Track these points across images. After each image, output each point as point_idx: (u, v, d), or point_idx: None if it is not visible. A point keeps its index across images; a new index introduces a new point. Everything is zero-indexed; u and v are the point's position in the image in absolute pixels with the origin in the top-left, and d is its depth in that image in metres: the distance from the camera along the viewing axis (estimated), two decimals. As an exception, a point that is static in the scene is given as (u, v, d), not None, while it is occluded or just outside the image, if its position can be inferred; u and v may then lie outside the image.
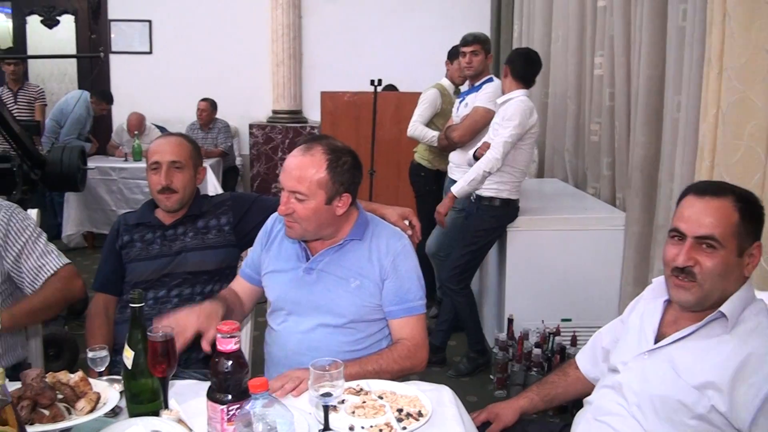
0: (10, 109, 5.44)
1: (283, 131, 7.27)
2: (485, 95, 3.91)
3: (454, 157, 4.12)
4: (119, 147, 6.62)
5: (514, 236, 3.71)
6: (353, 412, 1.57)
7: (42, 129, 6.15)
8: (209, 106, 6.69)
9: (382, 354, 1.90)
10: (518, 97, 3.50)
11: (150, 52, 7.63)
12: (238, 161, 7.35)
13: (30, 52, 7.77)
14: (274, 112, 7.45)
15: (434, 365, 3.71)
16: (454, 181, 4.04)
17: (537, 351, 3.39)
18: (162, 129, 6.86)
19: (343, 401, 1.60)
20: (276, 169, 7.25)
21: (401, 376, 1.92)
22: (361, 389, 1.69)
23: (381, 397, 1.64)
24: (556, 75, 5.08)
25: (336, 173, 1.87)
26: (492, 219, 3.60)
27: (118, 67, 7.64)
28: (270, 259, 2.08)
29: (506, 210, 3.60)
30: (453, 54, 4.49)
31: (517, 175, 3.58)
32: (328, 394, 1.46)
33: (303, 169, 1.86)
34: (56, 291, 2.12)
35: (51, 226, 6.17)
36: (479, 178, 3.47)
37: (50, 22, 7.59)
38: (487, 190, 3.55)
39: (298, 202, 1.87)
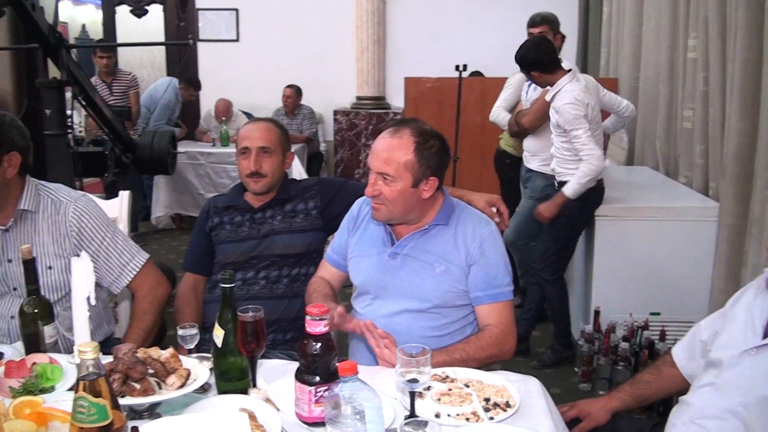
0: (107, 100, 5.66)
1: (367, 117, 7.29)
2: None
3: (529, 144, 4.00)
4: (207, 132, 6.79)
5: (602, 225, 3.59)
6: (439, 399, 1.55)
7: (137, 115, 6.37)
8: (294, 93, 6.77)
9: (468, 341, 1.88)
10: (563, 86, 3.35)
11: (237, 40, 7.78)
12: (322, 147, 7.42)
13: (119, 41, 8.04)
14: (358, 98, 7.48)
15: (518, 355, 3.64)
16: (530, 170, 3.96)
17: (624, 345, 3.27)
18: (248, 115, 7.00)
19: (429, 388, 1.58)
20: (359, 155, 7.29)
21: (488, 363, 1.89)
22: (447, 376, 1.66)
23: (467, 386, 1.62)
24: (648, 58, 4.88)
25: (423, 156, 1.86)
26: (576, 203, 3.45)
27: (206, 55, 7.83)
28: (355, 243, 2.08)
29: (589, 193, 3.45)
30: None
31: None
32: (414, 380, 1.45)
33: (391, 151, 1.85)
34: (151, 305, 2.13)
35: (141, 208, 6.41)
36: (591, 178, 3.32)
37: (139, 12, 7.82)
38: (567, 176, 3.44)
39: (385, 184, 1.86)
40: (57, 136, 3.74)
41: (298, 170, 4.00)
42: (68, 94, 3.98)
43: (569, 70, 3.41)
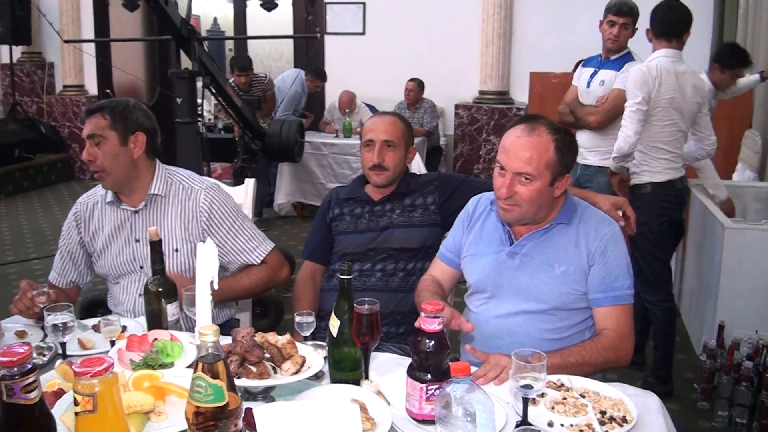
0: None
1: (489, 112, 7.20)
2: (625, 77, 3.38)
3: (583, 139, 3.63)
4: (330, 123, 6.94)
5: (733, 235, 3.34)
6: (553, 408, 1.50)
7: (269, 112, 6.59)
8: (417, 86, 6.79)
9: (584, 345, 1.80)
10: (649, 60, 3.14)
11: (363, 33, 7.88)
12: (442, 141, 7.40)
13: (249, 34, 8.37)
14: (481, 92, 7.39)
15: (633, 366, 3.46)
16: (587, 167, 3.67)
17: (748, 364, 3.03)
18: (371, 107, 7.09)
19: (543, 395, 1.53)
20: (479, 150, 7.21)
21: (604, 369, 1.82)
22: (563, 384, 1.60)
23: (583, 396, 1.55)
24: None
25: (562, 154, 1.82)
26: (651, 208, 3.18)
27: (332, 47, 7.98)
28: (471, 241, 2.04)
29: (662, 195, 3.19)
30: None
31: (664, 153, 3.18)
32: (528, 386, 1.40)
33: (532, 150, 1.80)
34: (261, 280, 2.22)
35: (265, 195, 6.65)
36: (619, 157, 3.12)
37: (269, 6, 8.10)
38: (634, 177, 3.20)
39: (522, 185, 1.82)
40: (188, 124, 3.93)
41: (417, 164, 4.01)
42: (199, 84, 4.18)
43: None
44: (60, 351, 1.78)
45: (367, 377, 1.61)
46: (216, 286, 1.42)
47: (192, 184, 2.22)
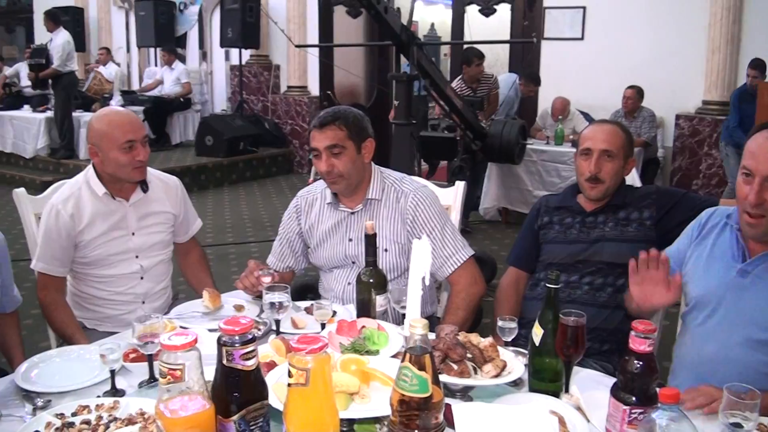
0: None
1: (712, 124, 6.69)
2: None
3: None
4: (542, 130, 6.82)
5: None
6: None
7: (492, 112, 6.64)
8: (635, 94, 6.48)
9: None
10: None
11: (581, 38, 7.65)
12: (660, 153, 6.98)
13: (466, 38, 8.49)
14: (704, 102, 6.88)
15: None
16: None
17: None
18: (586, 115, 6.88)
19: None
20: (699, 164, 6.73)
21: None
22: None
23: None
24: None
25: None
26: None
27: (549, 53, 7.81)
28: (699, 253, 1.91)
29: None
30: None
31: None
32: (738, 425, 1.30)
33: None
34: (465, 309, 2.19)
35: (471, 198, 6.69)
36: None
37: (487, 11, 8.19)
38: None
39: None
40: (403, 126, 4.09)
41: (632, 176, 3.83)
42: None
43: None
44: (274, 327, 1.94)
45: (567, 390, 1.59)
46: (427, 282, 1.48)
47: (402, 186, 2.31)
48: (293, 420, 1.20)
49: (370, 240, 1.96)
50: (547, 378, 1.60)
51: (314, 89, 9.50)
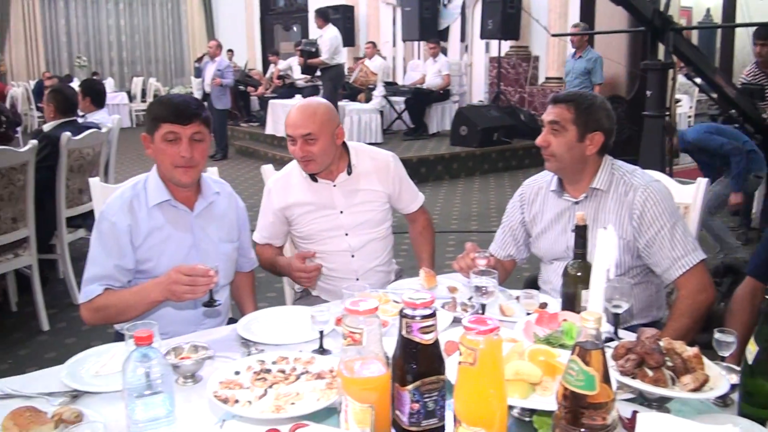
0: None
1: None
2: None
3: None
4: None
5: None
6: None
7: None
8: None
9: None
10: None
11: None
12: None
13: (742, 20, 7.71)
14: None
15: None
16: None
17: None
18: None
19: None
20: None
21: None
22: None
23: None
24: None
25: None
26: None
27: None
28: None
29: None
30: None
31: None
32: None
33: None
34: (690, 316, 2.05)
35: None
36: None
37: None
38: None
39: None
40: (654, 117, 3.82)
41: None
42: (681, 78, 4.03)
43: None
44: (480, 312, 1.94)
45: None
46: (612, 275, 1.39)
47: (633, 180, 2.17)
48: (460, 397, 1.21)
49: (581, 231, 1.87)
50: (759, 403, 1.41)
51: (575, 81, 9.24)
